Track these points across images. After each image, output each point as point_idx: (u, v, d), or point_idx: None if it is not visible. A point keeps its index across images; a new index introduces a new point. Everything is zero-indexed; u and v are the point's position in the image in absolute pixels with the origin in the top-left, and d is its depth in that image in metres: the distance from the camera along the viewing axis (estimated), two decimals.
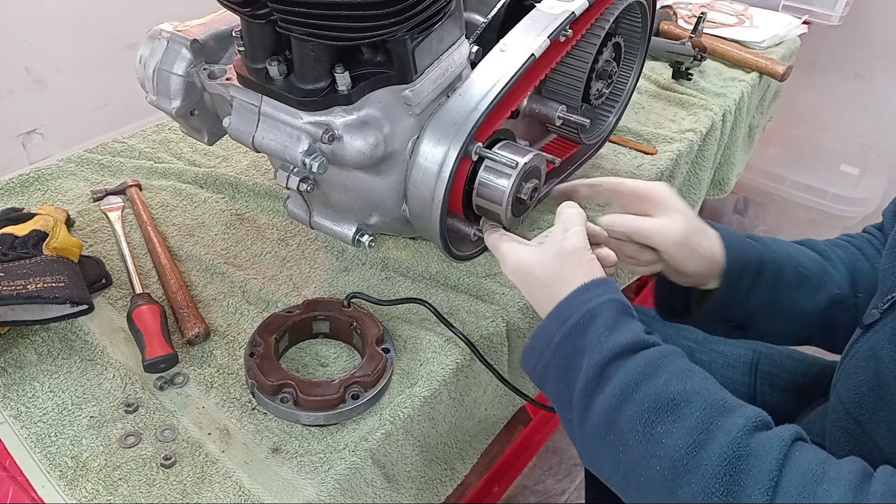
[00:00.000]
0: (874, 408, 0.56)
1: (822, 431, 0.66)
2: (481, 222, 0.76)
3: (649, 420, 0.52)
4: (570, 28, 0.81)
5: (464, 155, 0.72)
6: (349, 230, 0.78)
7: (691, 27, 1.40)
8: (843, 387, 0.61)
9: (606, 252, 0.67)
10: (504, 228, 0.78)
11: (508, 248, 0.67)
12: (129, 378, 0.72)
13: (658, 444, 0.51)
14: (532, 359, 0.62)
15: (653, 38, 1.07)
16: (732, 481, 0.48)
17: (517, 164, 0.73)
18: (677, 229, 0.69)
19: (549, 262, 0.63)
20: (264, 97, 0.70)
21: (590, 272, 0.62)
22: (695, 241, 0.69)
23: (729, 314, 0.75)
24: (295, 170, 0.71)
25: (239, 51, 0.73)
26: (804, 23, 1.62)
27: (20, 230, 0.78)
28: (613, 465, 0.55)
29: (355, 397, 0.69)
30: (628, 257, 0.73)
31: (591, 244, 0.64)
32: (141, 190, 0.99)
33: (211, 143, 0.87)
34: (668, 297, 0.79)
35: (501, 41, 0.80)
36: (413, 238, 0.91)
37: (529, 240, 0.70)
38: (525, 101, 0.89)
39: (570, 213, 0.66)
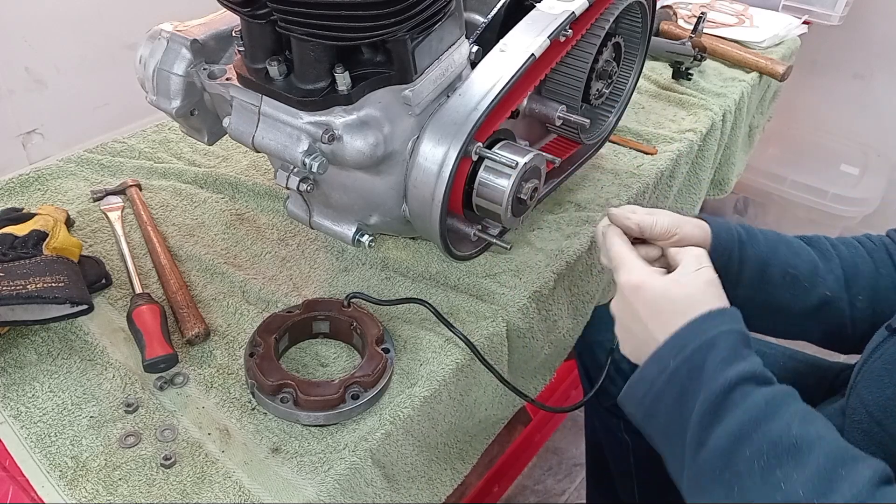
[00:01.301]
0: None
1: (839, 432, 0.65)
2: (603, 219, 0.71)
3: (769, 463, 0.51)
4: (570, 28, 0.81)
5: (464, 155, 0.72)
6: (349, 230, 0.78)
7: (691, 27, 1.40)
8: (866, 388, 0.61)
9: None
10: (502, 231, 0.77)
11: (637, 265, 0.64)
12: (129, 378, 0.72)
13: (777, 488, 0.50)
14: (639, 390, 0.59)
15: (653, 38, 1.07)
16: None
17: (517, 164, 0.73)
18: (665, 217, 0.70)
19: (690, 284, 0.61)
20: (264, 97, 0.70)
21: (725, 301, 0.60)
22: (685, 229, 0.70)
23: None
24: (295, 170, 0.71)
25: (239, 51, 0.73)
26: (804, 23, 1.62)
27: (20, 230, 0.78)
28: None
29: (355, 397, 0.69)
30: None
31: None
32: (141, 190, 0.99)
33: (211, 143, 0.87)
34: None
35: (501, 41, 0.79)
36: (413, 238, 0.91)
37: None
38: (525, 101, 0.89)
39: (698, 252, 0.64)
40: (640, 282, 0.62)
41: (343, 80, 0.66)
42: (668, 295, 0.60)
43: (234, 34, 0.74)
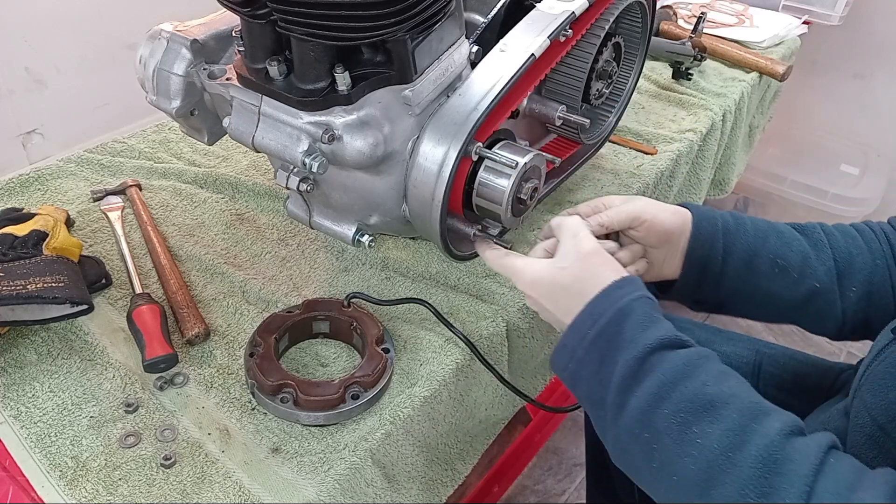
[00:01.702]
0: None
1: (841, 433, 0.65)
2: (476, 244, 0.75)
3: (685, 420, 0.53)
4: (570, 28, 0.81)
5: (464, 155, 0.72)
6: (349, 230, 0.78)
7: (691, 27, 1.40)
8: (869, 391, 0.60)
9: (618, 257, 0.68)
10: (502, 231, 0.78)
11: (524, 264, 0.67)
12: (129, 378, 0.72)
13: (693, 443, 0.52)
14: (563, 357, 0.61)
15: (653, 38, 1.07)
16: (767, 484, 0.48)
17: (517, 164, 0.73)
18: (636, 204, 0.71)
19: (572, 265, 0.63)
20: (264, 97, 0.70)
21: (617, 269, 0.62)
22: (660, 216, 0.71)
23: (701, 296, 0.75)
24: (295, 170, 0.71)
25: (239, 51, 0.73)
26: (804, 23, 1.62)
27: (20, 230, 0.78)
28: (646, 463, 0.55)
29: (355, 397, 0.69)
30: None
31: None
32: (141, 190, 0.99)
33: (211, 143, 0.87)
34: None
35: (501, 41, 0.79)
36: (413, 238, 0.91)
37: (533, 242, 0.70)
38: (525, 101, 0.89)
39: (572, 222, 0.67)
40: (531, 280, 0.65)
41: (343, 80, 0.66)
42: (558, 283, 0.63)
43: (234, 34, 0.74)
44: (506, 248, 0.72)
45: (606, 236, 0.72)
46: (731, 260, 0.72)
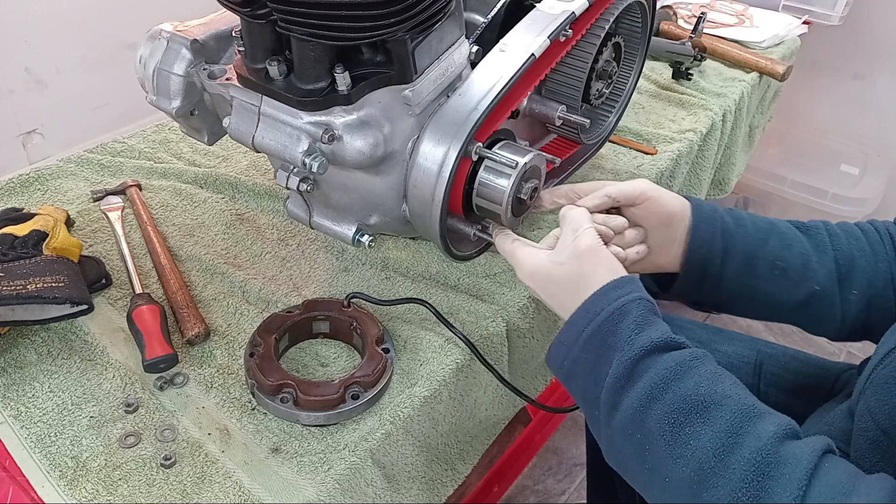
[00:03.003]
0: None
1: (843, 435, 0.65)
2: (491, 227, 0.76)
3: (678, 421, 0.53)
4: (570, 28, 0.81)
5: (464, 155, 0.72)
6: (349, 230, 0.78)
7: (691, 27, 1.40)
8: (874, 395, 0.60)
9: (616, 250, 0.68)
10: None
11: (524, 254, 0.67)
12: (129, 378, 0.72)
13: (686, 445, 0.52)
14: (559, 354, 0.62)
15: (653, 38, 1.07)
16: (760, 487, 0.48)
17: (517, 164, 0.73)
18: (642, 182, 0.72)
19: (567, 263, 0.63)
20: (264, 97, 0.70)
21: (613, 268, 0.62)
22: (663, 195, 0.71)
23: (700, 297, 0.75)
24: (295, 170, 0.71)
25: (239, 51, 0.73)
26: (804, 23, 1.62)
27: (20, 230, 0.78)
28: (638, 464, 0.55)
29: (355, 397, 0.69)
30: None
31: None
32: (141, 190, 0.99)
33: (211, 143, 0.87)
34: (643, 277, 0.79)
35: (501, 41, 0.79)
36: (413, 238, 0.91)
37: (535, 240, 0.70)
38: (525, 101, 0.89)
39: (575, 214, 0.66)
40: (529, 272, 0.66)
41: (343, 80, 0.66)
42: (553, 279, 0.64)
43: (234, 34, 0.74)
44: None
45: (608, 211, 0.72)
46: (729, 262, 0.72)
